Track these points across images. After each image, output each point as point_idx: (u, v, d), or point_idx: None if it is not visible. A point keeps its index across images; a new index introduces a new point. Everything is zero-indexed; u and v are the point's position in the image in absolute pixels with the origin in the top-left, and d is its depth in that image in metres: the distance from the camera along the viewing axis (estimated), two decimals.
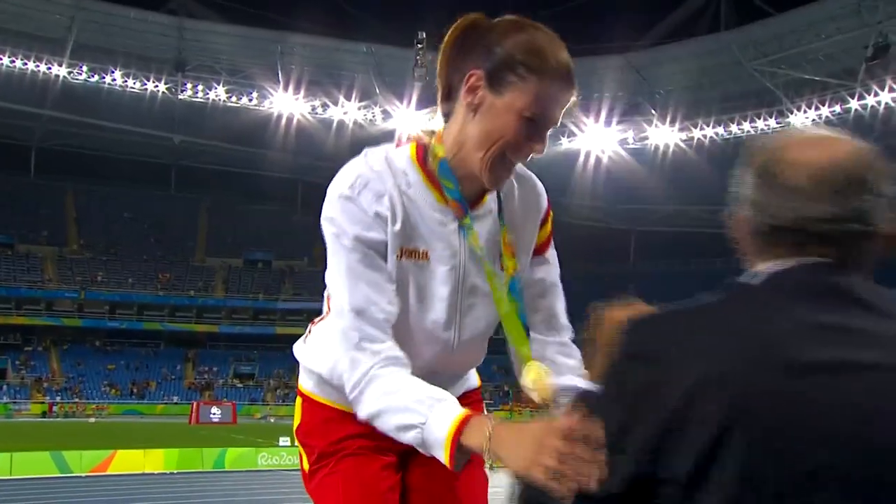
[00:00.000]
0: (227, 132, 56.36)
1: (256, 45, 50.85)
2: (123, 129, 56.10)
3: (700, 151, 53.68)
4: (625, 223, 66.22)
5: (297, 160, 61.81)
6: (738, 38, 49.52)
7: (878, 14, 43.06)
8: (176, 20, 49.89)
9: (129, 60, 49.72)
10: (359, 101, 53.09)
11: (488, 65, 1.92)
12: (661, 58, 52.28)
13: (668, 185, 56.67)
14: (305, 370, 2.44)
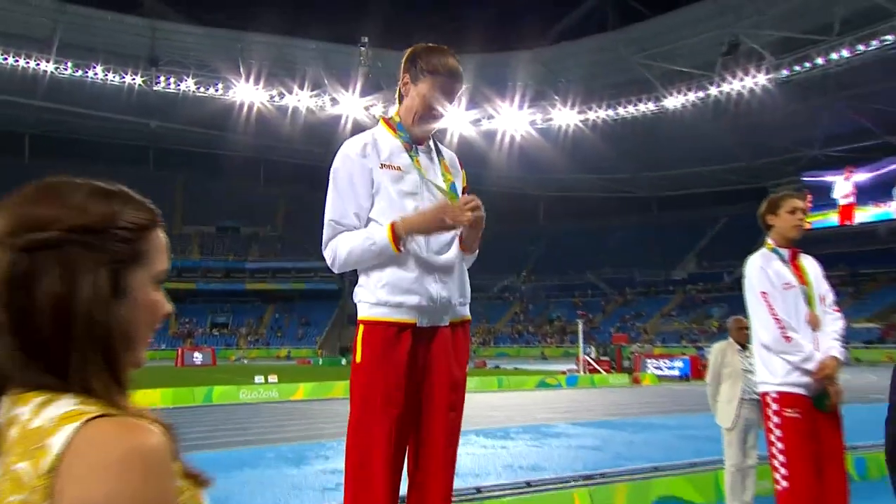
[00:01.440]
0: (196, 118, 56.70)
1: (220, 43, 51.37)
2: (105, 117, 56.30)
3: (594, 130, 55.57)
4: (535, 190, 67.48)
5: (258, 141, 62.46)
6: (622, 37, 51.34)
7: (731, 18, 45.62)
8: (149, 22, 50.23)
9: (109, 57, 49.74)
10: (310, 90, 53.82)
11: (412, 71, 2.85)
12: (562, 53, 53.88)
13: (568, 158, 58.20)
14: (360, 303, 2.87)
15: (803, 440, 3.69)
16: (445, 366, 2.75)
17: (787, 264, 3.90)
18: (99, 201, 0.93)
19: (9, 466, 0.82)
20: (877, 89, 47.07)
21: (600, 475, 7.01)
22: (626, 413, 15.83)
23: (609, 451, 9.99)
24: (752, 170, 59.04)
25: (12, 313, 0.87)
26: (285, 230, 68.08)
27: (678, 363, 27.99)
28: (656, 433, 12.12)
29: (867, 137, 52.75)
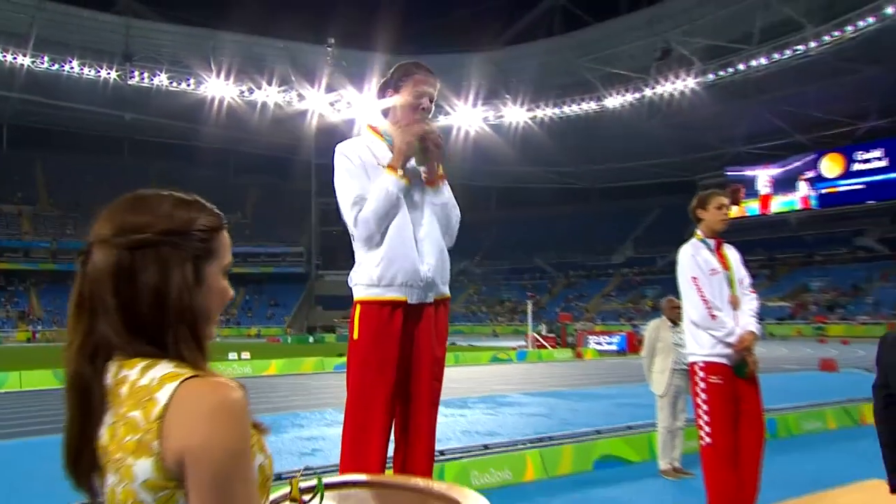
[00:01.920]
0: (169, 111, 55.38)
1: (192, 41, 50.26)
2: (82, 109, 54.63)
3: (542, 127, 55.87)
4: (487, 181, 67.19)
5: (228, 134, 61.33)
6: (567, 42, 51.65)
7: (665, 26, 46.16)
8: (123, 20, 48.87)
9: (85, 52, 48.26)
10: (278, 86, 53.07)
11: (391, 84, 2.92)
12: (512, 56, 53.91)
13: (518, 152, 58.25)
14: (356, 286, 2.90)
15: (725, 403, 3.88)
16: (429, 343, 2.84)
17: (713, 253, 4.09)
18: (181, 209, 1.09)
19: (123, 414, 0.98)
20: (789, 93, 47.84)
21: (549, 438, 7.19)
22: (571, 384, 15.89)
23: (556, 417, 10.17)
24: (683, 164, 59.75)
25: (119, 299, 1.01)
26: (255, 217, 66.85)
27: (616, 339, 28.18)
28: (597, 401, 12.28)
29: (781, 136, 53.71)
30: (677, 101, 49.00)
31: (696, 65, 46.34)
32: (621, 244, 62.16)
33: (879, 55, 41.94)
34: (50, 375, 16.21)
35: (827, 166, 52.24)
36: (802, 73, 44.48)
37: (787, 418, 8.84)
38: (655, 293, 49.37)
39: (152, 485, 0.95)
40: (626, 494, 5.90)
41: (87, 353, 1.03)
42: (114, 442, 0.98)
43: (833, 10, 40.03)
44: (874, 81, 45.79)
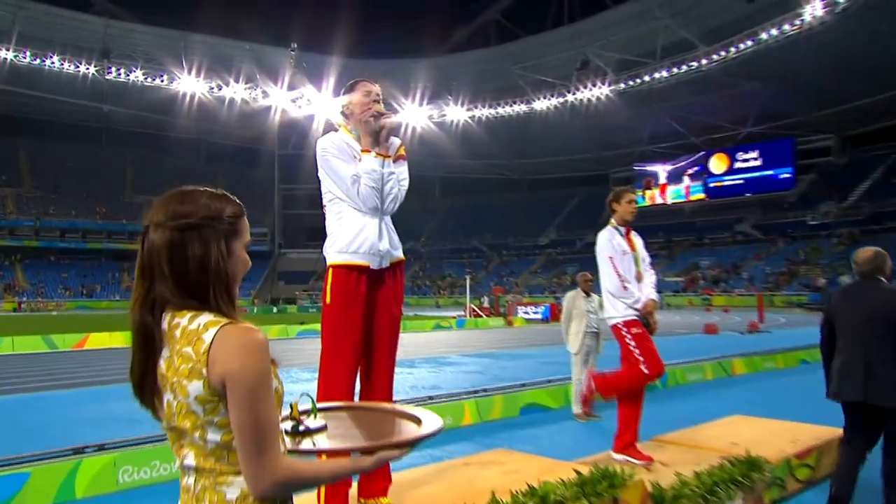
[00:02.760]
0: (145, 104, 53.20)
1: (165, 42, 48.41)
2: (62, 100, 52.08)
3: (479, 125, 55.74)
4: (432, 171, 66.65)
5: (199, 126, 59.50)
6: (501, 52, 51.64)
7: (584, 41, 46.55)
8: (101, 20, 46.65)
9: (65, 49, 45.99)
10: (244, 84, 51.71)
11: (346, 92, 3.02)
12: (454, 62, 53.56)
13: (459, 147, 58.07)
14: (329, 253, 3.00)
15: (650, 342, 4.26)
16: (388, 304, 2.99)
17: (623, 238, 4.40)
18: (215, 201, 1.27)
19: (178, 350, 1.19)
20: (685, 102, 48.83)
21: (483, 390, 7.46)
22: (502, 347, 16.04)
23: (489, 374, 10.42)
24: (598, 160, 60.66)
25: (172, 266, 1.21)
26: None
27: (541, 309, 28.21)
28: (523, 360, 12.51)
29: (678, 138, 54.88)
30: (594, 106, 49.50)
31: (610, 75, 46.96)
32: (547, 228, 62.43)
33: (756, 72, 43.13)
34: (39, 340, 15.85)
35: (714, 164, 53.79)
36: (695, 85, 45.60)
37: (675, 371, 9.36)
38: (574, 270, 49.81)
39: (202, 399, 1.16)
40: (546, 434, 6.18)
41: (148, 307, 1.22)
42: (171, 370, 1.19)
43: (720, 34, 41.00)
44: (752, 94, 47.19)
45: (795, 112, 48.86)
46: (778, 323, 23.54)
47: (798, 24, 37.09)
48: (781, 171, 50.64)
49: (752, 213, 51.48)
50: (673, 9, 41.89)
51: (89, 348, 16.00)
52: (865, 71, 41.24)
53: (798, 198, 49.36)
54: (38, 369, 12.01)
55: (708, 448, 4.37)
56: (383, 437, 1.42)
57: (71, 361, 13.26)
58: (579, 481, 2.98)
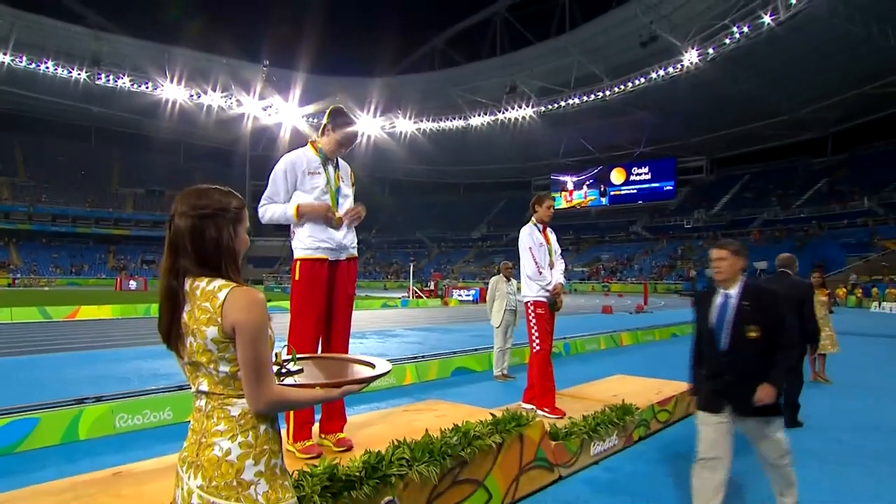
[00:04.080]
0: (131, 107, 50.50)
1: (150, 53, 45.96)
2: (54, 101, 48.92)
3: (424, 136, 55.27)
4: (382, 174, 66.00)
5: (179, 128, 56.73)
6: (445, 75, 51.44)
7: (513, 70, 46.75)
8: (92, 32, 43.94)
9: (58, 55, 43.07)
10: (221, 93, 49.81)
11: (332, 122, 3.00)
12: (403, 82, 52.92)
13: (407, 153, 57.64)
14: (295, 248, 3.05)
15: (546, 324, 4.38)
16: (344, 284, 3.09)
17: (541, 233, 4.58)
18: (225, 196, 1.42)
19: (198, 304, 1.34)
20: (592, 125, 50.01)
21: (421, 357, 7.59)
22: (438, 323, 16.21)
23: (427, 344, 10.61)
24: (522, 169, 61.56)
25: (193, 245, 1.36)
26: None
27: (472, 292, 28.46)
28: (456, 334, 12.74)
29: (586, 153, 56.33)
30: (520, 124, 49.86)
31: (533, 99, 47.42)
32: (479, 224, 62.70)
33: (647, 104, 44.46)
34: (35, 311, 15.30)
35: (615, 176, 55.53)
36: (600, 111, 46.57)
37: (576, 342, 9.82)
38: (500, 259, 50.37)
39: (216, 340, 1.33)
40: (472, 392, 6.39)
41: (174, 275, 1.38)
42: (192, 319, 1.35)
43: (620, 70, 42.13)
44: (643, 121, 48.73)
45: (676, 137, 50.94)
46: (659, 306, 24.70)
47: (679, 68, 38.67)
48: (665, 184, 52.81)
49: (643, 217, 53.16)
50: (584, 48, 42.76)
51: (81, 318, 15.56)
52: (729, 107, 43.44)
53: (677, 206, 51.52)
54: (36, 336, 11.55)
55: (595, 399, 4.72)
56: (346, 377, 1.60)
57: (65, 329, 12.88)
58: (494, 422, 3.22)
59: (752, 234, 42.21)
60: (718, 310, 2.79)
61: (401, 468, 2.55)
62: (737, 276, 2.80)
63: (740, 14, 34.16)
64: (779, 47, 34.72)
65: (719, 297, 2.81)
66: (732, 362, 2.73)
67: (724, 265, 2.81)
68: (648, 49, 38.24)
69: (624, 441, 4.24)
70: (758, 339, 2.68)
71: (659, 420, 4.76)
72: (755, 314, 2.70)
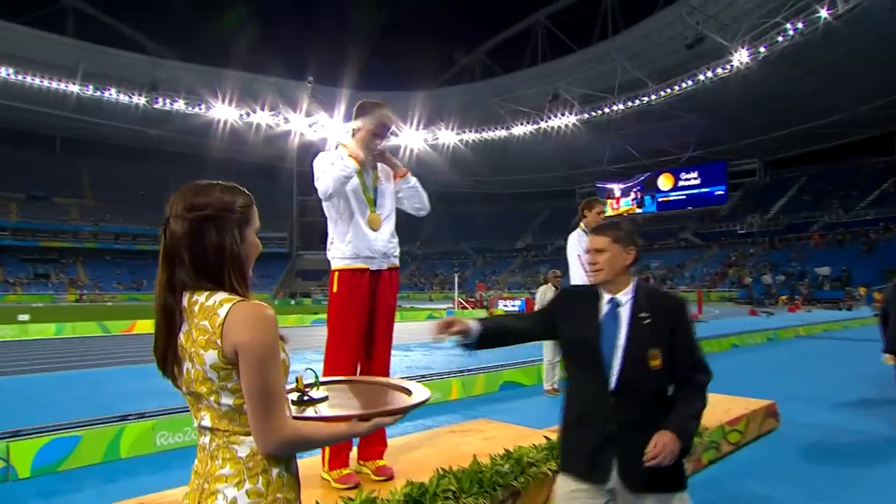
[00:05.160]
0: (185, 128, 52.86)
1: (203, 77, 48.04)
2: (117, 126, 51.86)
3: (467, 147, 55.38)
4: (426, 186, 60.91)
5: (230, 146, 58.60)
6: (486, 86, 51.39)
7: (555, 78, 46.32)
8: (150, 59, 46.49)
9: (121, 83, 45.56)
10: (269, 112, 51.52)
11: (359, 117, 2.78)
12: (445, 94, 53.26)
13: (449, 165, 57.81)
14: (333, 259, 2.83)
15: None
16: (386, 295, 2.86)
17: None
18: (227, 193, 1.21)
19: (196, 323, 1.13)
20: (637, 130, 48.85)
21: (468, 370, 7.35)
22: None
23: (473, 356, 10.35)
24: (566, 177, 60.65)
25: (191, 253, 1.15)
26: None
27: (518, 303, 27.78)
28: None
29: (632, 160, 55.00)
30: (563, 132, 49.28)
31: (576, 107, 46.81)
32: (523, 234, 62.23)
33: (694, 107, 43.27)
34: (95, 326, 15.74)
35: (662, 182, 53.98)
36: (645, 116, 45.57)
37: None
38: (545, 269, 49.78)
39: (216, 367, 1.11)
40: (521, 407, 6.12)
41: (170, 289, 1.16)
42: (189, 341, 1.14)
43: (666, 74, 41.16)
44: (692, 124, 47.32)
45: (726, 140, 49.19)
46: (713, 314, 23.62)
47: (728, 68, 37.39)
48: (716, 189, 50.96)
49: (692, 223, 51.64)
50: (628, 52, 41.99)
51: (137, 333, 15.99)
52: (781, 107, 41.64)
53: (729, 211, 49.70)
54: (94, 350, 11.89)
55: None
56: (378, 406, 1.35)
57: (121, 343, 13.16)
58: (549, 446, 2.94)
59: (812, 238, 40.12)
60: (604, 325, 1.86)
61: (446, 501, 2.28)
62: (624, 276, 1.94)
63: (793, 10, 32.72)
64: (836, 42, 33.03)
65: (604, 306, 1.92)
66: (622, 405, 1.77)
67: (602, 259, 1.93)
68: (695, 51, 37.13)
69: (692, 465, 3.84)
70: (659, 370, 1.78)
71: (730, 441, 4.32)
72: (657, 332, 1.81)
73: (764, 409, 4.77)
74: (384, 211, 2.91)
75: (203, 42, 53.30)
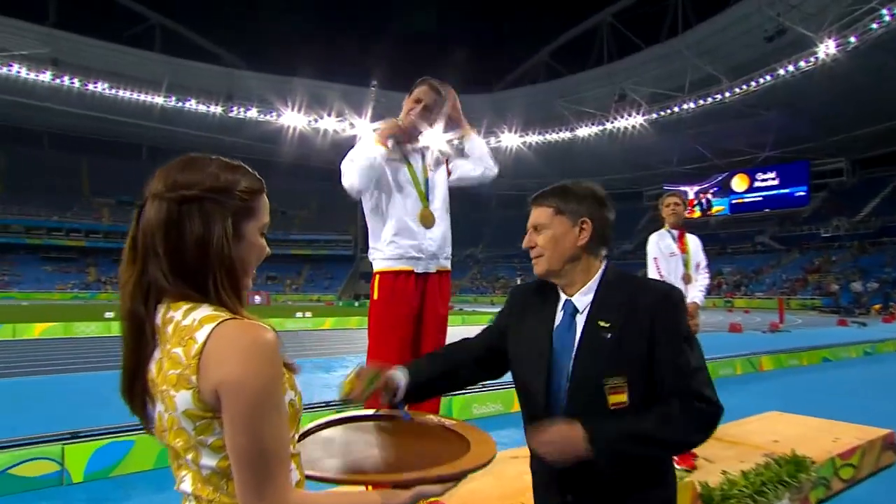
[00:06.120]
0: (258, 134, 55.16)
1: (274, 86, 49.91)
2: (197, 134, 54.65)
3: (530, 149, 54.81)
4: (489, 188, 66.22)
5: (299, 152, 60.68)
6: (550, 87, 50.67)
7: (620, 77, 45.12)
8: (227, 70, 48.99)
9: (200, 94, 48.32)
10: (335, 117, 52.88)
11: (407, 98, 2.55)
12: (508, 97, 52.95)
13: (512, 168, 57.31)
14: (374, 260, 2.57)
15: None
16: (434, 303, 2.53)
17: (675, 240, 3.89)
18: (226, 171, 0.94)
19: (168, 350, 0.84)
20: (709, 129, 46.73)
21: None
22: None
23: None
24: (632, 179, 58.81)
25: (167, 245, 0.87)
26: (318, 213, 66.74)
27: None
28: None
29: (703, 160, 52.79)
30: (629, 133, 47.86)
31: (644, 106, 45.30)
32: None
33: (772, 103, 40.90)
34: None
35: (736, 183, 51.31)
36: (718, 114, 43.43)
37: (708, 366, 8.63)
38: None
39: (191, 414, 0.82)
40: None
41: (140, 295, 0.88)
42: (160, 375, 0.85)
43: (741, 70, 39.09)
44: (769, 122, 44.73)
45: (809, 138, 46.05)
46: (795, 324, 21.87)
47: (812, 61, 34.86)
48: (797, 190, 47.87)
49: (770, 226, 48.74)
50: (700, 49, 40.17)
51: None
52: (872, 101, 38.45)
53: (812, 213, 46.54)
54: None
55: (750, 445, 3.78)
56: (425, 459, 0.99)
57: None
58: None
59: None
60: (555, 343, 1.32)
61: None
62: (581, 265, 1.37)
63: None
64: None
65: (558, 314, 1.36)
66: (575, 467, 1.21)
67: (543, 240, 1.40)
68: (774, 44, 34.91)
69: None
70: (625, 408, 1.21)
71: (841, 478, 3.69)
72: (623, 349, 1.23)
73: (881, 439, 4.10)
74: (437, 205, 2.59)
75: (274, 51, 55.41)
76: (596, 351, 1.23)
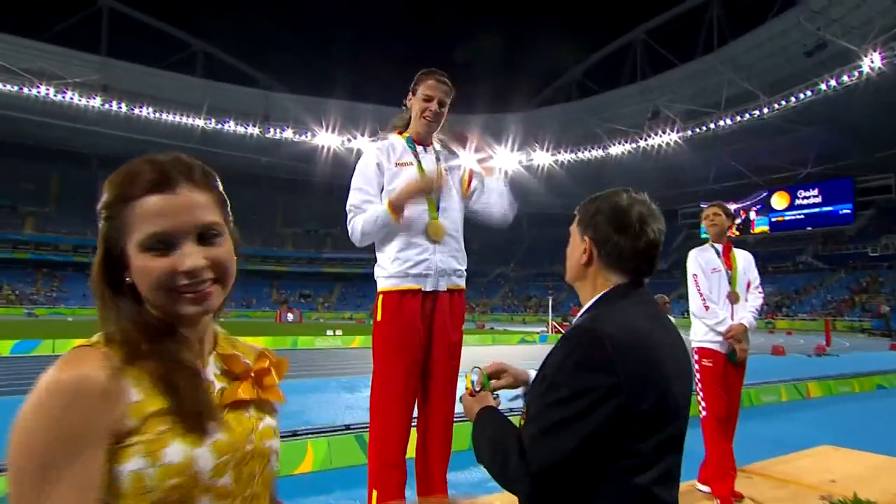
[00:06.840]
0: (293, 154, 56.48)
1: (309, 107, 51.02)
2: (234, 154, 56.10)
3: (562, 168, 54.50)
4: (520, 208, 65.74)
5: (333, 171, 61.51)
6: (582, 106, 50.52)
7: (655, 94, 44.64)
8: (263, 93, 50.51)
9: (237, 115, 49.76)
10: (368, 137, 53.50)
11: (411, 90, 2.44)
12: (540, 115, 52.91)
13: (544, 186, 57.15)
14: (378, 278, 2.41)
15: (715, 382, 3.40)
16: (444, 327, 2.32)
17: (719, 255, 3.57)
18: (109, 183, 0.76)
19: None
20: (747, 146, 45.90)
21: None
22: None
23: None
24: (667, 197, 57.67)
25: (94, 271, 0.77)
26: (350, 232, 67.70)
27: None
28: None
29: (741, 178, 51.63)
30: (664, 150, 47.24)
31: (678, 123, 44.66)
32: None
33: (813, 119, 39.96)
34: None
35: (776, 201, 49.91)
36: (756, 131, 42.64)
37: (749, 392, 8.27)
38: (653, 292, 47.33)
39: None
40: None
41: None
42: None
43: (780, 86, 38.26)
44: (810, 138, 43.72)
45: (852, 154, 44.63)
46: (843, 347, 20.90)
47: (856, 76, 33.84)
48: (841, 207, 46.19)
49: (813, 245, 47.11)
50: (736, 64, 39.55)
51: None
52: None
53: (858, 231, 44.82)
54: None
55: (804, 485, 3.52)
56: None
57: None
58: None
59: None
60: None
61: None
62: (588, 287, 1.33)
63: None
64: None
65: None
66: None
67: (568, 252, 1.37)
68: (814, 59, 34.06)
69: None
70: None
71: None
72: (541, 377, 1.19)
73: None
74: (450, 217, 2.38)
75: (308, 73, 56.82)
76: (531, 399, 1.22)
